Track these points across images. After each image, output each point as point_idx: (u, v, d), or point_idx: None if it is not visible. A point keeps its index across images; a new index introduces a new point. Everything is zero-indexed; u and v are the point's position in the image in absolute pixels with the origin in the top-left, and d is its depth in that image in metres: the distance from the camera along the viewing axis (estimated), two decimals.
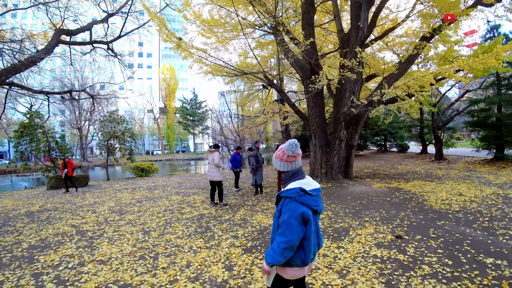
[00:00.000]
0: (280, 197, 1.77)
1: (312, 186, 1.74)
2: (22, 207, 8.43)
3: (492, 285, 2.65)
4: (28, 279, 3.38)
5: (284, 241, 1.65)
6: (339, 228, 4.56)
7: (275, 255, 1.67)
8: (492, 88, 13.24)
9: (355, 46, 7.75)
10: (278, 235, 1.69)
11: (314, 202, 1.71)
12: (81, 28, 11.53)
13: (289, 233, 1.64)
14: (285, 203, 1.72)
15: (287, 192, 1.72)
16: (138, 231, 5.07)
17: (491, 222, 4.52)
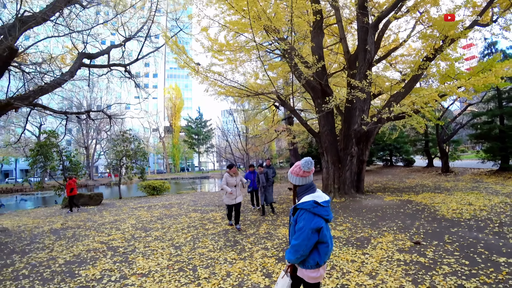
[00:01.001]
0: (296, 209, 2.08)
1: (323, 199, 2.06)
2: (43, 225, 8.73)
3: (507, 279, 3.01)
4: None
5: (298, 244, 1.96)
6: (361, 237, 4.88)
7: (290, 254, 2.01)
8: (493, 101, 13.69)
9: (364, 68, 8.31)
10: (294, 239, 2.01)
11: (325, 212, 2.02)
12: (101, 52, 12.25)
13: (302, 239, 1.95)
14: (301, 214, 2.01)
15: (303, 204, 2.02)
16: (168, 246, 5.37)
17: (501, 227, 4.84)
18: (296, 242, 1.98)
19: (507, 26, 10.02)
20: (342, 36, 10.54)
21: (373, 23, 8.77)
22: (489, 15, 9.97)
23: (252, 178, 8.96)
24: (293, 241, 2.01)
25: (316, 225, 1.97)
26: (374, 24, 8.78)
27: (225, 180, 6.47)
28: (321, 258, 2.01)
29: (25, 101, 8.89)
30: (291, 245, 2.03)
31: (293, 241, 2.03)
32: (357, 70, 8.97)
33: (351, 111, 9.36)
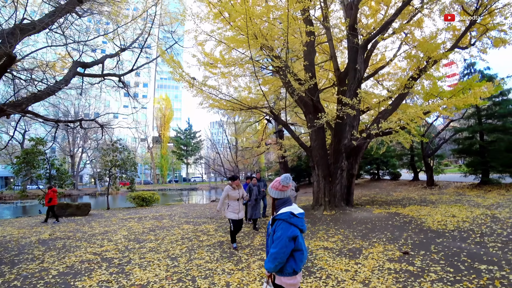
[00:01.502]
0: (275, 220, 2.28)
1: (299, 211, 2.27)
2: (30, 235, 8.49)
3: (487, 284, 3.30)
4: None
5: (276, 251, 2.13)
6: (353, 248, 5.09)
7: (269, 263, 2.17)
8: (474, 118, 14.43)
9: (354, 86, 8.75)
10: (273, 248, 2.17)
11: (300, 223, 2.23)
12: (96, 61, 12.26)
13: (281, 246, 2.13)
14: (279, 224, 2.21)
15: (281, 215, 2.23)
16: (164, 258, 5.41)
17: (482, 237, 5.18)
18: (274, 250, 2.15)
19: (483, 48, 10.84)
20: (332, 54, 11.02)
21: (363, 44, 9.29)
22: (468, 38, 10.76)
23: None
24: (272, 250, 2.18)
25: (293, 233, 2.16)
26: (363, 45, 9.30)
27: (226, 193, 5.88)
28: (297, 265, 2.19)
29: (18, 108, 8.81)
30: (270, 253, 2.19)
31: (272, 249, 2.19)
32: (348, 88, 9.41)
33: (341, 126, 9.73)
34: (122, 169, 18.47)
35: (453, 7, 10.08)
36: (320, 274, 4.05)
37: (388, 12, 11.90)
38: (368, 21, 12.61)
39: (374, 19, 12.47)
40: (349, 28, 9.30)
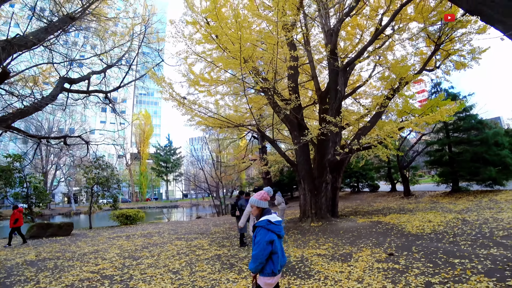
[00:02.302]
0: (255, 227, 2.66)
1: (276, 219, 2.66)
2: (14, 257, 8.15)
3: (460, 273, 3.97)
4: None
5: (256, 254, 2.51)
6: (343, 253, 5.59)
7: (251, 263, 2.55)
8: (442, 132, 15.77)
9: (335, 105, 9.52)
10: (253, 250, 2.54)
11: (277, 229, 2.61)
12: (82, 77, 12.21)
13: (260, 249, 2.51)
14: (258, 230, 2.59)
15: (260, 222, 2.63)
16: (166, 272, 5.56)
17: (455, 237, 5.94)
18: (255, 252, 2.53)
19: (447, 71, 12.20)
20: (313, 75, 11.87)
21: (343, 67, 10.17)
22: (433, 62, 12.06)
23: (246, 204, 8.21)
24: (253, 252, 2.55)
25: (270, 238, 2.55)
26: (343, 68, 10.19)
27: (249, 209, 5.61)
28: (275, 266, 2.57)
29: (3, 123, 8.69)
30: (252, 255, 2.56)
31: (253, 252, 2.56)
32: (330, 106, 10.19)
33: (324, 142, 10.42)
34: (105, 187, 18.06)
35: (420, 35, 11.33)
36: (318, 277, 4.47)
37: (363, 36, 13.11)
38: (345, 43, 13.76)
39: (350, 42, 13.64)
40: (330, 53, 10.19)
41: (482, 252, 4.87)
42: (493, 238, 5.68)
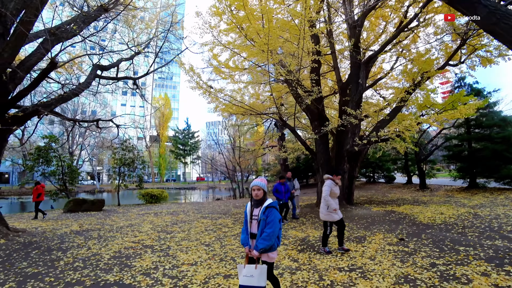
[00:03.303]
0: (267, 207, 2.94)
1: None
2: (60, 227, 9.10)
3: (463, 258, 4.48)
4: (141, 277, 4.38)
5: (272, 231, 2.80)
6: (358, 236, 6.22)
7: (267, 241, 2.80)
8: (463, 127, 15.67)
9: (356, 98, 9.85)
10: (269, 229, 2.82)
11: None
12: (112, 64, 12.96)
13: (275, 227, 2.84)
14: (270, 210, 2.90)
15: (273, 203, 2.97)
16: (199, 245, 6.33)
17: (464, 229, 6.38)
18: (270, 230, 2.81)
19: (472, 65, 12.05)
20: (335, 66, 12.10)
21: (365, 60, 10.39)
22: (458, 56, 11.94)
23: (283, 190, 8.67)
24: (268, 230, 2.82)
25: (279, 217, 2.95)
26: (365, 61, 10.41)
27: (328, 189, 5.18)
28: (279, 242, 2.98)
29: (48, 108, 9.59)
30: (267, 233, 2.81)
31: (268, 230, 2.82)
32: (350, 99, 10.50)
33: (343, 133, 10.82)
34: (131, 168, 19.27)
35: (446, 29, 11.25)
36: (336, 253, 5.15)
37: (387, 27, 13.06)
38: (368, 33, 13.72)
39: (373, 33, 13.61)
40: (353, 46, 10.38)
41: (487, 242, 5.32)
42: (500, 232, 6.06)
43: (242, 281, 2.82)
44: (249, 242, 3.00)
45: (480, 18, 3.25)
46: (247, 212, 3.10)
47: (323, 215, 5.17)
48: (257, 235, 2.90)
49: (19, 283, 4.34)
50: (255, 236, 2.97)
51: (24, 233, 8.26)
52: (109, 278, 4.42)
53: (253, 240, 3.00)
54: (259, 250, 2.83)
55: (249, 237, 3.02)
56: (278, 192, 8.66)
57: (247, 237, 3.03)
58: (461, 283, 3.62)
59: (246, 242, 3.02)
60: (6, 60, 7.69)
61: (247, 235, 3.04)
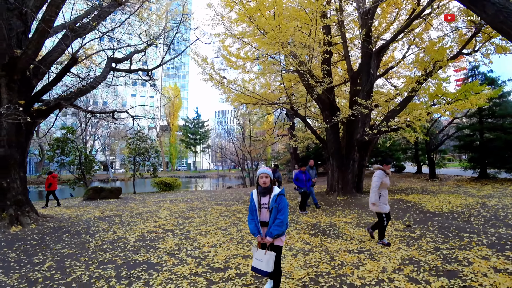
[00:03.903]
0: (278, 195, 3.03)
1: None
2: (84, 214, 9.67)
3: (466, 243, 4.77)
4: (167, 257, 4.77)
5: (285, 217, 2.96)
6: (367, 222, 6.59)
7: (281, 227, 2.94)
8: (475, 117, 15.53)
9: (367, 88, 9.96)
10: (281, 216, 2.95)
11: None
12: (126, 57, 13.28)
13: (286, 213, 3.00)
14: (281, 198, 3.00)
15: (282, 191, 3.07)
16: (216, 229, 6.76)
17: (470, 218, 6.62)
18: (283, 216, 2.95)
19: (486, 53, 11.86)
20: (346, 55, 12.12)
21: (376, 50, 10.41)
22: (473, 44, 11.75)
23: (304, 178, 8.49)
24: (281, 217, 2.95)
25: (288, 203, 3.11)
26: (377, 51, 10.44)
27: (379, 180, 4.93)
28: (287, 226, 3.11)
29: (69, 101, 10.06)
30: (281, 220, 2.94)
31: (281, 217, 2.95)
32: (361, 89, 10.60)
33: (354, 123, 10.98)
34: (145, 157, 19.91)
35: (460, 17, 11.06)
36: (345, 238, 5.49)
37: (399, 14, 12.86)
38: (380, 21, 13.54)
39: (385, 20, 13.43)
40: (365, 35, 10.39)
41: (491, 230, 5.56)
42: (505, 221, 6.27)
43: (254, 263, 3.04)
44: (260, 230, 3.10)
45: (488, 16, 3.40)
46: (255, 202, 3.15)
47: (375, 207, 4.92)
48: (270, 222, 3.00)
49: (57, 262, 4.83)
50: (265, 224, 3.08)
51: (52, 219, 8.84)
52: (138, 258, 4.87)
53: (263, 228, 3.11)
54: (274, 236, 2.96)
55: (260, 225, 3.11)
56: (298, 180, 8.51)
57: (257, 226, 3.11)
58: (462, 265, 3.91)
59: (256, 231, 3.11)
60: (30, 57, 8.12)
61: (256, 224, 3.12)
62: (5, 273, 4.34)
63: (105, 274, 4.18)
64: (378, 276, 3.67)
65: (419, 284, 3.40)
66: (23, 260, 4.93)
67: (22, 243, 6.03)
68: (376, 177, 4.92)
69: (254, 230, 3.12)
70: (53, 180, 12.34)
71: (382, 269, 3.88)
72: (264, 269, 2.97)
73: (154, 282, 3.81)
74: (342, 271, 3.91)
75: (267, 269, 2.96)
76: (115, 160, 60.58)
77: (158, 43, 15.15)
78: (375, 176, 4.95)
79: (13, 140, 8.18)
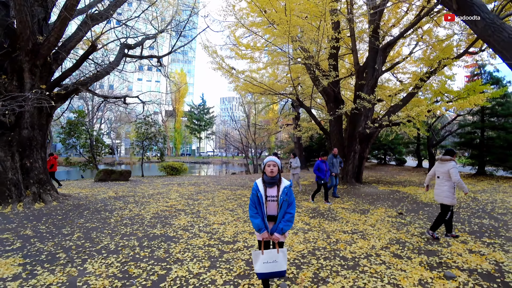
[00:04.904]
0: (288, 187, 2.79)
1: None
2: (98, 194, 10.20)
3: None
4: (181, 232, 5.36)
5: (294, 211, 2.75)
6: (362, 209, 7.21)
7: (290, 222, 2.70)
8: (478, 115, 15.82)
9: (371, 82, 10.34)
10: (292, 209, 2.71)
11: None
12: (138, 43, 13.59)
13: (295, 206, 2.77)
14: (291, 190, 2.78)
15: (291, 183, 2.83)
16: (224, 210, 7.36)
17: (459, 209, 7.20)
18: (294, 210, 2.74)
19: (493, 53, 12.07)
20: (353, 49, 12.39)
21: (383, 46, 10.71)
22: (480, 42, 11.90)
23: (325, 168, 8.07)
24: (292, 211, 2.72)
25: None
26: (384, 47, 10.73)
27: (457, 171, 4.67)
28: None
29: (85, 86, 10.55)
30: (292, 215, 2.71)
31: (292, 211, 2.72)
32: (366, 83, 10.97)
33: (357, 116, 11.41)
34: (153, 142, 20.49)
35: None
36: (342, 221, 6.09)
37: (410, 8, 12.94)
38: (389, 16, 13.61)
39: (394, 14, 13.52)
40: (373, 31, 10.68)
41: (475, 220, 6.12)
42: (491, 213, 6.80)
43: (264, 269, 2.64)
44: (267, 225, 2.71)
45: (478, 29, 3.82)
46: (260, 193, 2.75)
47: (448, 199, 4.70)
48: (279, 217, 2.69)
49: (84, 233, 5.43)
50: (273, 218, 2.75)
51: (70, 197, 9.41)
52: (156, 232, 5.49)
53: (270, 223, 2.76)
54: (284, 232, 2.71)
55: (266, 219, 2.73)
56: (320, 170, 8.02)
57: (264, 221, 2.71)
58: (442, 246, 4.47)
59: (263, 227, 2.69)
60: (52, 43, 8.59)
61: (263, 218, 2.71)
62: (40, 241, 4.93)
63: (129, 244, 4.78)
64: (367, 252, 4.25)
65: (401, 259, 3.96)
66: (53, 231, 5.52)
67: (48, 217, 6.63)
68: (454, 169, 4.61)
69: (261, 225, 2.68)
70: (54, 161, 12.59)
71: (371, 247, 4.45)
72: (281, 269, 2.67)
73: (173, 251, 4.41)
74: (336, 246, 4.50)
75: (283, 268, 2.68)
76: (121, 144, 61.49)
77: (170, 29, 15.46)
78: (453, 168, 4.63)
79: (35, 123, 8.73)
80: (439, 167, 4.84)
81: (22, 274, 3.57)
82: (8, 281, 3.37)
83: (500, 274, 3.47)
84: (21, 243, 4.75)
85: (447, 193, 4.69)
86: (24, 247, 4.58)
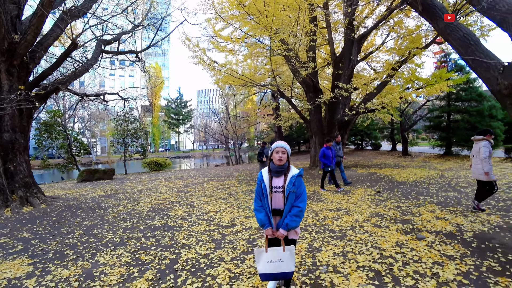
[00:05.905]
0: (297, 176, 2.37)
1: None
2: (86, 194, 9.98)
3: (420, 203, 6.11)
4: (181, 221, 5.65)
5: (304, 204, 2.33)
6: (344, 190, 7.86)
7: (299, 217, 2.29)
8: (445, 100, 17.08)
9: (348, 72, 10.97)
10: (301, 203, 2.30)
11: None
12: (115, 38, 13.22)
13: (306, 199, 2.35)
14: (300, 180, 2.37)
15: (300, 171, 2.39)
16: (216, 199, 7.73)
17: (428, 185, 8.09)
18: (303, 204, 2.32)
19: None
20: (330, 40, 12.97)
21: (358, 38, 11.33)
22: None
23: (331, 155, 7.98)
24: (301, 204, 2.31)
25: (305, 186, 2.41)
26: (359, 39, 11.35)
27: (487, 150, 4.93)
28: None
29: (64, 85, 10.35)
30: (300, 208, 2.30)
31: (300, 204, 2.31)
32: (343, 73, 11.61)
33: (334, 104, 12.07)
34: (134, 138, 20.22)
35: None
36: (327, 201, 6.72)
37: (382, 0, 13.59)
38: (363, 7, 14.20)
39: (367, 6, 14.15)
40: (348, 24, 11.24)
41: (442, 194, 6.98)
42: (455, 187, 7.72)
43: (268, 269, 2.34)
44: (272, 220, 2.40)
45: (440, 28, 4.41)
46: (265, 183, 2.43)
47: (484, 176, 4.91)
48: (285, 210, 2.35)
49: (85, 231, 5.52)
50: (278, 212, 2.41)
51: (58, 199, 9.17)
52: (156, 223, 5.77)
53: (275, 218, 2.43)
54: (290, 228, 2.34)
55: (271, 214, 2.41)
56: (326, 157, 7.89)
57: (269, 215, 2.40)
58: (414, 216, 5.19)
59: (267, 222, 2.39)
60: (29, 42, 8.37)
61: (268, 212, 2.41)
62: (42, 242, 4.92)
63: (133, 236, 5.02)
64: (352, 224, 4.87)
65: (381, 228, 4.61)
66: (52, 232, 5.49)
67: (42, 219, 6.51)
68: (484, 147, 4.86)
69: (265, 221, 2.39)
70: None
71: (355, 220, 5.08)
72: (287, 270, 2.35)
73: (178, 238, 4.76)
74: (324, 222, 5.08)
75: (290, 269, 2.36)
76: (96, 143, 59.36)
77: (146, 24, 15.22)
78: (484, 147, 4.89)
79: (16, 125, 8.46)
80: (474, 146, 5.15)
81: (35, 272, 3.66)
82: (23, 279, 3.44)
83: (460, 233, 4.19)
84: (23, 245, 4.74)
85: (481, 171, 4.94)
86: (28, 248, 4.60)
